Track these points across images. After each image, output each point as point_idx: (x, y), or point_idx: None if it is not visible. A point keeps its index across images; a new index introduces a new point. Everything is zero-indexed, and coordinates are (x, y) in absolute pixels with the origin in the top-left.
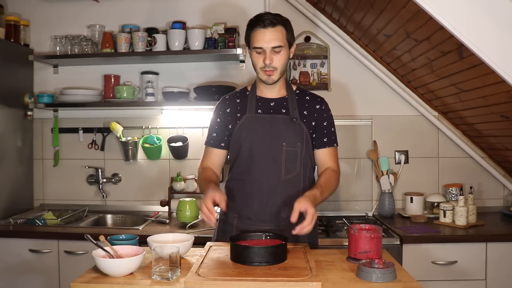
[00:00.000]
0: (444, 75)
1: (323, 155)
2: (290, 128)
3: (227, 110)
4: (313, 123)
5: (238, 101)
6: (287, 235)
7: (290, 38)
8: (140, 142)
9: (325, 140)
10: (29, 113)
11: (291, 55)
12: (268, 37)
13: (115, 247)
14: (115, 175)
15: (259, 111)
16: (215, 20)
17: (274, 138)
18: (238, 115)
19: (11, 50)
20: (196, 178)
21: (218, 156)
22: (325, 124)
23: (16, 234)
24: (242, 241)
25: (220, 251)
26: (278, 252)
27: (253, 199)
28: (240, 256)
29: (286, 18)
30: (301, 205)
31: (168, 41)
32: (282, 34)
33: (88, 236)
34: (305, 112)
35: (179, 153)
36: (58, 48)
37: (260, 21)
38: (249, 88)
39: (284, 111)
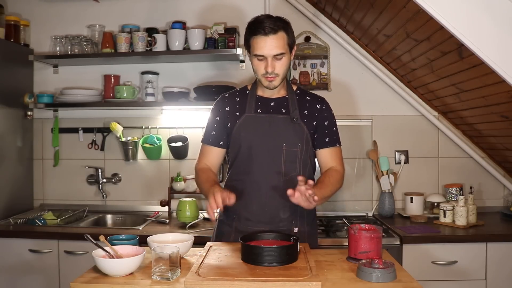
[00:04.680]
0: (444, 75)
1: (325, 155)
2: (290, 128)
3: (226, 109)
4: (313, 123)
5: (238, 100)
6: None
7: (291, 42)
8: (140, 142)
9: (326, 140)
10: (29, 113)
11: (292, 58)
12: (270, 45)
13: (115, 247)
14: (115, 175)
15: (258, 110)
16: (215, 20)
17: (274, 139)
18: (237, 114)
19: (11, 50)
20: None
21: (216, 155)
22: (326, 123)
23: (16, 234)
24: (250, 242)
25: (220, 251)
26: (289, 253)
27: (252, 200)
28: (252, 256)
29: (287, 20)
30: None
31: (168, 41)
32: (283, 40)
33: (88, 236)
34: (305, 112)
35: (179, 153)
36: (58, 48)
37: (261, 28)
38: (249, 87)
39: (284, 111)
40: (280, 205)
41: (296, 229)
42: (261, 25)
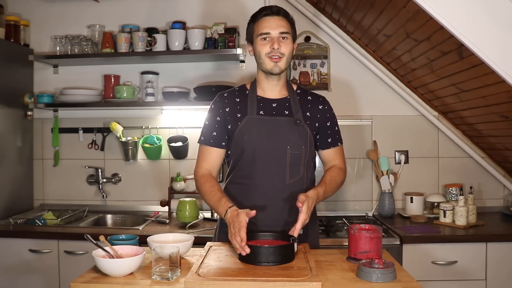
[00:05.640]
0: (444, 75)
1: (328, 155)
2: (294, 130)
3: (226, 109)
4: (316, 124)
5: (238, 100)
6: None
7: (294, 33)
8: (140, 142)
9: (329, 140)
10: (29, 113)
11: (294, 51)
12: (275, 24)
13: (115, 247)
14: (115, 175)
15: (261, 112)
16: (215, 20)
17: (279, 142)
18: (239, 115)
19: (11, 50)
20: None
21: (219, 156)
22: (328, 124)
23: (16, 234)
24: (250, 241)
25: (220, 251)
26: (286, 253)
27: (257, 204)
28: (247, 256)
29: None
30: (305, 201)
31: (168, 41)
32: (287, 24)
33: (88, 236)
34: (308, 113)
35: (179, 153)
36: (58, 48)
37: (267, 8)
38: (248, 87)
39: (287, 112)
40: (285, 208)
41: (301, 231)
42: (267, 7)
